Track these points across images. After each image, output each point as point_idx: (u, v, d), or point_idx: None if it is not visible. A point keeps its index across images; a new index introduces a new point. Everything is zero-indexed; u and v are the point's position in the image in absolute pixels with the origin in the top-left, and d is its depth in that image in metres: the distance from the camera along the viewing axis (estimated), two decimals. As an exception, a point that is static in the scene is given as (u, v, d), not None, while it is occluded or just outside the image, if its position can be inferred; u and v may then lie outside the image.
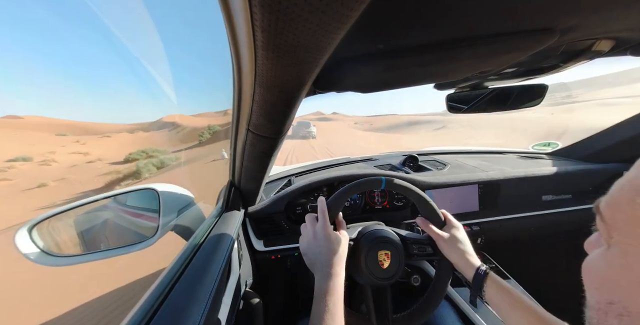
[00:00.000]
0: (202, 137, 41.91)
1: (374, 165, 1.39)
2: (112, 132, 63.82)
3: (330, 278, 0.53)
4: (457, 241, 0.64)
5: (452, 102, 0.97)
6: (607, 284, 0.22)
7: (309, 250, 0.60)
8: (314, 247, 0.59)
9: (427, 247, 0.69)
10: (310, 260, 0.59)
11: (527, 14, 0.36)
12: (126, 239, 0.88)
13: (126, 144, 44.39)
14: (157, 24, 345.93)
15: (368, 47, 0.40)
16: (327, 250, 0.57)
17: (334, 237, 0.59)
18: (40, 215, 0.70)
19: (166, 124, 77.26)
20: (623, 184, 0.21)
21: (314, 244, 0.59)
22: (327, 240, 0.58)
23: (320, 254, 0.57)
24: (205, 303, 0.47)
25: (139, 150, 24.61)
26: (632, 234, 0.20)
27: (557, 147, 1.49)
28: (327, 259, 0.56)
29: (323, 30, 0.23)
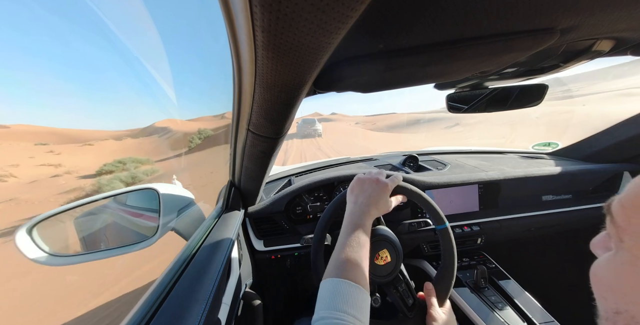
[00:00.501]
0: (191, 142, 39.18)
1: (375, 165, 1.39)
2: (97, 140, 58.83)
3: (366, 215, 0.57)
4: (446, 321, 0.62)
5: (452, 102, 0.97)
6: (614, 292, 0.21)
7: (364, 183, 0.64)
8: (371, 186, 0.63)
9: (409, 299, 0.67)
10: (355, 189, 0.63)
11: (528, 14, 0.35)
12: (126, 239, 0.88)
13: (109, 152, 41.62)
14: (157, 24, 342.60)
15: (368, 47, 0.40)
16: (377, 196, 0.61)
17: (387, 197, 0.63)
18: (40, 214, 0.70)
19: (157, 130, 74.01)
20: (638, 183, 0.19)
21: (373, 184, 0.63)
22: (384, 192, 0.62)
23: (371, 194, 0.61)
24: (205, 303, 0.47)
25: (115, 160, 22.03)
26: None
27: (557, 147, 1.49)
28: (371, 202, 0.60)
29: (323, 30, 0.23)
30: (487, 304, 0.88)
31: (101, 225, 0.92)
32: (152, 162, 24.72)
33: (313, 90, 0.55)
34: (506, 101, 0.90)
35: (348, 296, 0.44)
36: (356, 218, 0.57)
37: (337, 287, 0.45)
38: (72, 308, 2.51)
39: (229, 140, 0.71)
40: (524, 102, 0.89)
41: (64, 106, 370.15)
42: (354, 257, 0.50)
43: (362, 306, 0.45)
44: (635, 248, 0.19)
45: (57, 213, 0.73)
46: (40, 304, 2.71)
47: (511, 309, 0.87)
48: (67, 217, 0.77)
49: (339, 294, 0.44)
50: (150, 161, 25.09)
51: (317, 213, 1.12)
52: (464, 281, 0.98)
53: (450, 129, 24.05)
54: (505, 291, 0.94)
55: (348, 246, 0.51)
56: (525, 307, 0.87)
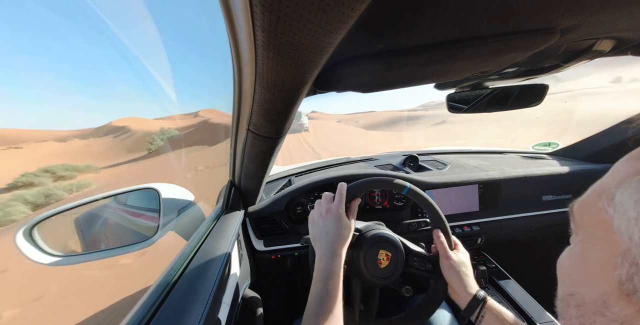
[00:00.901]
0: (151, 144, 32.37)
1: (374, 165, 1.39)
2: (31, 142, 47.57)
3: (334, 258, 0.54)
4: (461, 263, 0.64)
5: (453, 102, 0.97)
6: (570, 278, 0.25)
7: (317, 224, 0.61)
8: (322, 223, 0.60)
9: (427, 264, 0.68)
10: (315, 235, 0.60)
11: (528, 14, 0.35)
12: (126, 239, 0.88)
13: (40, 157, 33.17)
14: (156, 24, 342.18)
15: (368, 47, 0.40)
16: (335, 230, 0.58)
17: (344, 221, 0.59)
18: (40, 214, 0.70)
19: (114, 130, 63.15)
20: (594, 186, 0.24)
21: (323, 220, 0.60)
22: (337, 220, 0.59)
23: (328, 231, 0.58)
24: (205, 303, 0.47)
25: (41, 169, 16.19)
26: (592, 234, 0.22)
27: (557, 147, 1.49)
28: (334, 238, 0.57)
29: (324, 29, 0.22)
30: None
31: (101, 225, 0.92)
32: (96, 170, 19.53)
33: (313, 90, 0.55)
34: (506, 101, 0.90)
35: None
36: (322, 262, 0.54)
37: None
38: (72, 308, 2.51)
39: (230, 141, 0.71)
40: (524, 102, 0.89)
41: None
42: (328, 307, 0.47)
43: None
44: (585, 241, 0.23)
45: (57, 213, 0.73)
46: (39, 304, 2.71)
47: (511, 308, 0.87)
48: (67, 217, 0.77)
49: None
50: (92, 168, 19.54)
51: None
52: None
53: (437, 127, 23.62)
54: (505, 291, 0.94)
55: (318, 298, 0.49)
56: (525, 307, 0.87)
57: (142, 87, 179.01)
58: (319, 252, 0.56)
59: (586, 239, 0.23)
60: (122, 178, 14.86)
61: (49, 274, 3.05)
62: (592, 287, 0.22)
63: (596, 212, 0.22)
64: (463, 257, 0.66)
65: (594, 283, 0.22)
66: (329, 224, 0.59)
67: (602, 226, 0.21)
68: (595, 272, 0.22)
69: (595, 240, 0.22)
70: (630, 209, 0.19)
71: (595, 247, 0.22)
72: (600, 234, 0.21)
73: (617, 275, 0.19)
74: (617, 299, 0.20)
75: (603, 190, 0.22)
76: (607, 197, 0.21)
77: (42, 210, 0.72)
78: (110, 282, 2.66)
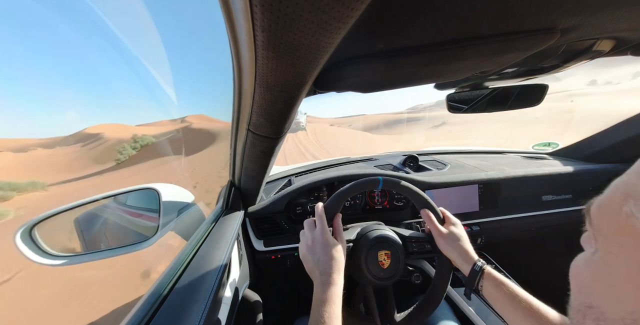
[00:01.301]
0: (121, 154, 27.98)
1: (374, 165, 1.39)
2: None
3: (328, 287, 0.52)
4: (455, 238, 0.64)
5: (452, 102, 0.97)
6: (588, 288, 0.23)
7: (307, 257, 0.59)
8: (312, 254, 0.58)
9: (425, 245, 0.69)
10: (309, 268, 0.58)
11: (528, 14, 0.35)
12: (126, 239, 0.88)
13: None
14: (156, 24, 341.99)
15: (368, 47, 0.40)
16: (325, 257, 0.56)
17: (332, 243, 0.58)
18: (40, 214, 0.70)
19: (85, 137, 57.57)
20: (616, 186, 0.20)
21: (312, 251, 0.58)
22: (324, 246, 0.57)
23: (319, 261, 0.56)
24: (205, 303, 0.47)
25: None
26: (616, 243, 0.20)
27: (557, 147, 1.49)
28: (325, 267, 0.55)
29: (324, 30, 0.22)
30: (487, 304, 0.88)
31: (101, 225, 0.92)
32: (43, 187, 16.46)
33: (313, 90, 0.55)
34: (506, 101, 0.90)
35: None
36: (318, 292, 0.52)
37: None
38: (72, 308, 2.51)
39: (230, 141, 0.71)
40: (524, 102, 0.89)
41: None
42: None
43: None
44: (607, 250, 0.20)
45: (57, 213, 0.73)
46: (39, 304, 2.71)
47: None
48: (67, 217, 0.77)
49: None
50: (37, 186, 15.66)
51: None
52: (464, 281, 0.98)
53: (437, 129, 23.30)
54: None
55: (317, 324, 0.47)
56: None
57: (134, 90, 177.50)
58: (315, 282, 0.55)
59: (608, 247, 0.20)
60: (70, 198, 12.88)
61: (48, 274, 3.05)
62: (616, 302, 0.20)
63: (622, 218, 0.19)
64: (455, 229, 0.66)
65: (620, 299, 0.19)
66: (318, 253, 0.57)
67: (631, 235, 0.18)
68: (622, 287, 0.19)
69: (621, 250, 0.19)
70: None
71: (621, 258, 0.19)
72: (627, 243, 0.19)
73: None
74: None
75: (630, 192, 0.19)
76: (635, 201, 0.18)
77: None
78: (110, 282, 2.66)
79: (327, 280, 0.53)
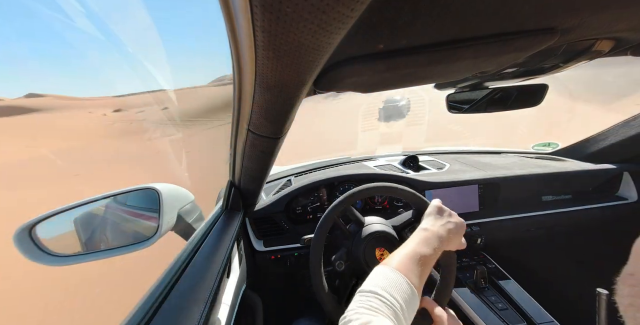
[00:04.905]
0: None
1: (374, 165, 1.39)
2: None
3: (445, 241, 0.56)
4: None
5: (452, 102, 0.97)
6: (635, 257, 0.25)
7: (447, 213, 0.62)
8: (455, 218, 0.61)
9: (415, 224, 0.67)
10: (441, 214, 0.61)
11: (528, 14, 0.36)
12: (126, 239, 0.88)
13: None
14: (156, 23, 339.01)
15: (368, 47, 0.40)
16: (458, 231, 0.60)
17: (460, 238, 0.61)
18: (40, 214, 0.70)
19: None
20: None
21: (456, 218, 0.62)
22: (462, 229, 0.61)
23: (454, 225, 0.59)
24: (205, 303, 0.47)
25: None
26: None
27: (557, 147, 1.49)
28: (455, 233, 0.58)
29: (324, 30, 0.23)
30: (487, 304, 0.88)
31: (101, 225, 0.92)
32: None
33: (313, 90, 0.55)
34: (506, 101, 0.90)
35: (405, 292, 0.42)
36: (431, 235, 0.55)
37: (398, 279, 0.43)
38: (72, 308, 2.51)
39: (229, 141, 0.71)
40: (524, 102, 0.89)
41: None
42: (419, 267, 0.48)
43: (412, 310, 0.43)
44: None
45: (56, 213, 0.73)
46: (39, 304, 2.71)
47: (511, 309, 0.87)
48: (67, 217, 0.77)
49: (397, 285, 0.42)
50: None
51: (317, 213, 1.12)
52: (464, 281, 0.98)
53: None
54: (505, 291, 0.94)
55: (417, 254, 0.49)
56: (525, 307, 0.87)
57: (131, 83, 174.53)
58: (430, 224, 0.58)
59: None
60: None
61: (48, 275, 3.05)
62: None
63: None
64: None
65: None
66: (459, 224, 0.60)
67: None
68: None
69: None
70: None
71: None
72: None
73: None
74: None
75: None
76: None
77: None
78: (110, 283, 2.66)
79: (447, 234, 0.56)
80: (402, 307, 0.39)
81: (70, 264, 0.72)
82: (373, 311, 0.37)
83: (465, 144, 4.59)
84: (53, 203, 1.00)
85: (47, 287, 2.90)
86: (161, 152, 10.86)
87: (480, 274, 0.94)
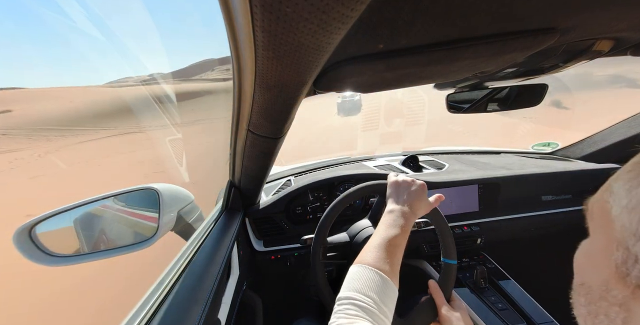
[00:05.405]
0: None
1: (374, 165, 1.39)
2: None
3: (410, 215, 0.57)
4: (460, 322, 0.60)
5: (452, 102, 0.97)
6: (580, 268, 0.27)
7: (400, 186, 0.63)
8: (409, 186, 0.63)
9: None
10: (397, 190, 0.63)
11: (528, 14, 0.35)
12: (126, 239, 0.88)
13: None
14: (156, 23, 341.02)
15: (368, 47, 0.40)
16: (419, 196, 0.61)
17: (427, 198, 0.63)
18: (39, 215, 0.70)
19: None
20: (606, 182, 0.25)
21: (411, 184, 0.63)
22: (423, 191, 0.62)
23: (412, 194, 0.61)
24: (205, 303, 0.47)
25: None
26: (598, 225, 0.24)
27: (557, 147, 1.49)
28: (417, 200, 0.60)
29: (323, 30, 0.23)
30: (487, 304, 0.88)
31: (101, 225, 0.92)
32: None
33: (313, 90, 0.55)
34: (506, 101, 0.90)
35: (379, 286, 0.44)
36: (397, 215, 0.57)
37: (369, 274, 0.45)
38: (72, 308, 2.51)
39: (229, 141, 0.71)
40: (524, 102, 0.89)
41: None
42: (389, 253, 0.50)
43: (391, 299, 0.45)
44: (593, 231, 0.25)
45: (56, 213, 0.73)
46: (39, 304, 2.71)
47: (511, 309, 0.87)
48: (67, 217, 0.77)
49: (370, 281, 0.44)
50: None
51: (317, 213, 1.12)
52: (463, 281, 0.98)
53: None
54: (505, 291, 0.94)
55: (385, 240, 0.51)
56: (525, 307, 0.87)
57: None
58: (395, 205, 0.59)
59: (594, 229, 0.25)
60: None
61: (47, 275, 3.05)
62: (596, 274, 0.23)
63: (602, 205, 0.23)
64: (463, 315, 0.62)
65: (598, 270, 0.23)
66: (416, 190, 0.62)
67: (605, 216, 0.22)
68: (599, 259, 0.23)
69: (600, 229, 0.24)
70: (623, 197, 0.21)
71: (600, 236, 0.24)
72: (603, 223, 0.23)
73: (614, 260, 0.21)
74: (616, 282, 0.21)
75: (608, 184, 0.24)
76: (609, 189, 0.23)
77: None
78: (110, 283, 2.65)
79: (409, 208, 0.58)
80: (377, 301, 0.42)
81: (70, 265, 0.72)
82: (352, 318, 0.39)
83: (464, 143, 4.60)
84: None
85: (47, 287, 2.90)
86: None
87: (480, 274, 0.94)
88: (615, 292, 0.21)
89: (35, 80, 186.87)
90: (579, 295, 0.25)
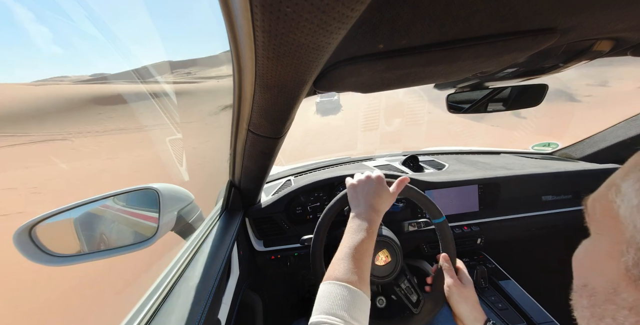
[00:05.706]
0: None
1: (374, 165, 1.39)
2: None
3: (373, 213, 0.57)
4: (469, 292, 0.63)
5: (452, 103, 0.97)
6: (582, 269, 0.26)
7: (357, 186, 0.63)
8: (366, 184, 0.63)
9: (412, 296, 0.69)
10: (355, 193, 0.63)
11: (528, 14, 0.35)
12: (126, 239, 0.88)
13: None
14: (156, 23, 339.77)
15: (368, 47, 0.40)
16: (378, 191, 0.61)
17: (387, 189, 0.63)
18: (39, 214, 0.70)
19: None
20: (606, 181, 0.25)
21: (367, 182, 0.63)
22: (381, 184, 0.62)
23: (370, 191, 0.61)
24: (205, 303, 0.47)
25: None
26: (602, 225, 0.23)
27: (557, 147, 1.49)
28: (377, 196, 0.60)
29: (324, 30, 0.23)
30: (487, 304, 0.88)
31: (101, 225, 0.92)
32: None
33: (313, 90, 0.55)
34: (506, 101, 0.90)
35: (347, 301, 0.44)
36: (360, 219, 0.56)
37: (337, 290, 0.45)
38: (72, 308, 2.51)
39: (230, 141, 0.71)
40: (524, 102, 0.89)
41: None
42: (356, 261, 0.50)
43: (362, 311, 0.45)
44: (596, 232, 0.24)
45: (56, 213, 0.73)
46: (39, 304, 2.71)
47: (511, 309, 0.87)
48: (67, 217, 0.77)
49: (339, 298, 0.44)
50: None
51: (317, 213, 1.12)
52: None
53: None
54: (505, 291, 0.94)
55: (351, 249, 0.51)
56: (525, 307, 0.87)
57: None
58: (357, 208, 0.59)
59: (597, 230, 0.24)
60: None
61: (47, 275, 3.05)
62: (601, 276, 0.22)
63: (606, 204, 0.22)
64: (469, 285, 0.65)
65: (603, 272, 0.22)
66: (373, 185, 0.62)
67: (611, 216, 0.22)
68: (604, 261, 0.22)
69: (604, 230, 0.23)
70: (633, 197, 0.20)
71: (605, 237, 0.23)
72: (609, 224, 0.22)
73: (624, 262, 0.20)
74: (626, 285, 0.20)
75: (612, 182, 0.23)
76: (616, 188, 0.22)
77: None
78: (110, 283, 2.66)
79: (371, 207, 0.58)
80: (347, 318, 0.42)
81: (70, 264, 0.72)
82: None
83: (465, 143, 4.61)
84: None
85: (47, 287, 2.90)
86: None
87: (480, 274, 0.94)
88: (625, 295, 0.20)
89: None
90: (581, 297, 0.24)
